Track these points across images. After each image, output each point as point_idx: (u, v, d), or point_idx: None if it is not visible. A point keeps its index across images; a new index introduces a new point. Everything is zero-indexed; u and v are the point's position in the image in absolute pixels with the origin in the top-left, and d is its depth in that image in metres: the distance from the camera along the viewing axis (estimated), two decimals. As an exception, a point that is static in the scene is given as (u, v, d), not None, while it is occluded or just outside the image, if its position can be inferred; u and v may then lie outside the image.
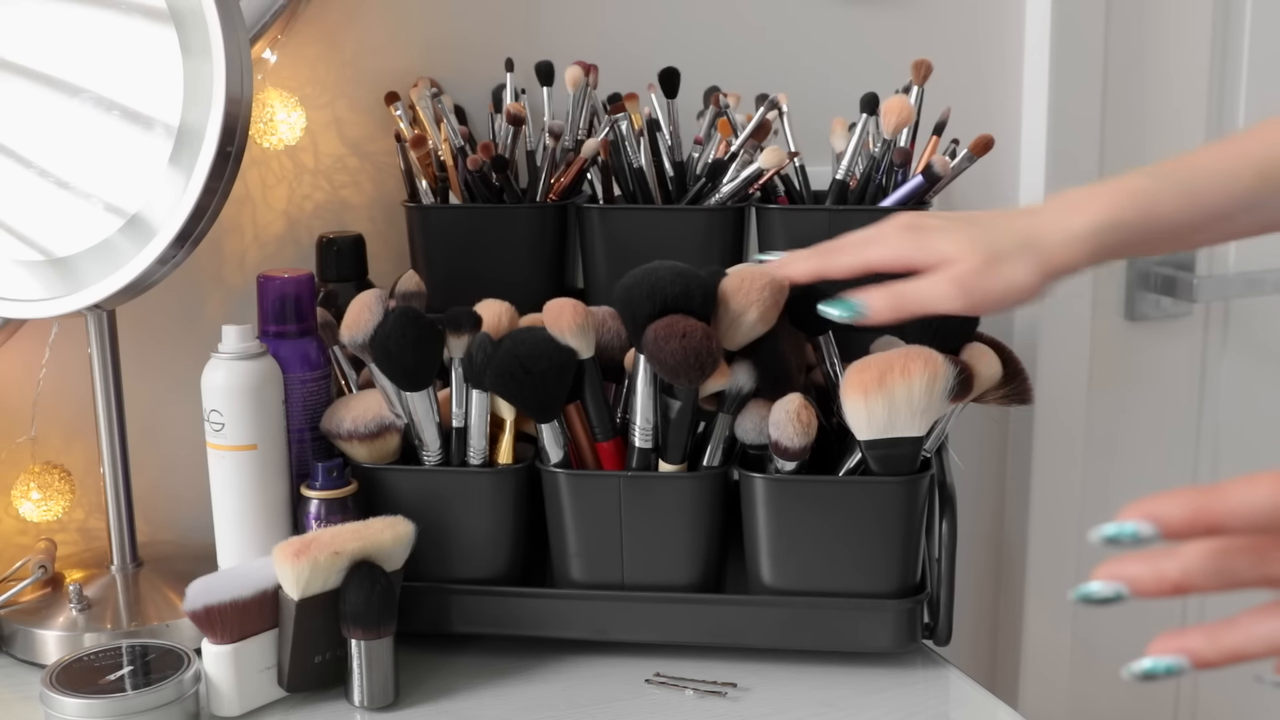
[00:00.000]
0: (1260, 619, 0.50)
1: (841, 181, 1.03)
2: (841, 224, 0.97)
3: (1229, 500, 0.49)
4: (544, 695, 0.90)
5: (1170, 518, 0.49)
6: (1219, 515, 0.48)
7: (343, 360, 1.02)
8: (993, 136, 1.00)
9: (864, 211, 1.00)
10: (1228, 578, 0.50)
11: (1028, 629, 1.43)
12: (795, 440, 0.88)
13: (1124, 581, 0.50)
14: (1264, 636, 0.49)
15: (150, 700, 0.82)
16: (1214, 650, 0.50)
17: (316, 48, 1.11)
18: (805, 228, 1.00)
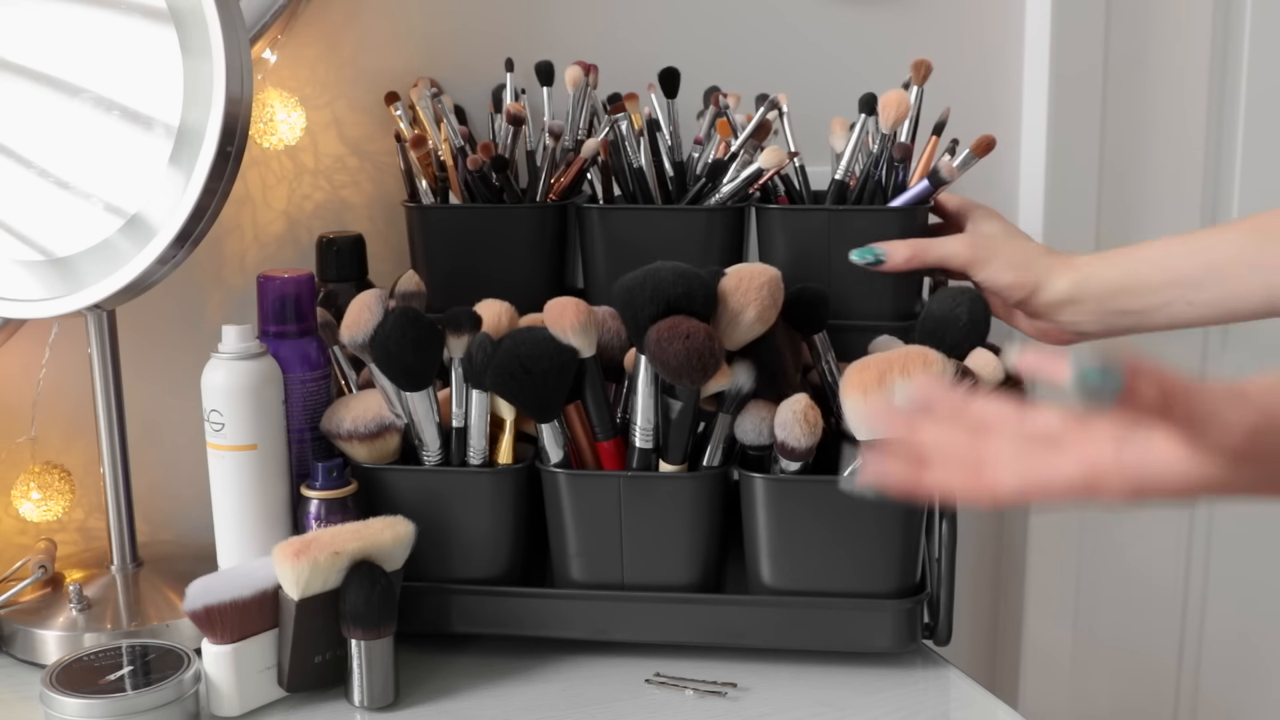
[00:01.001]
0: None
1: (841, 181, 1.02)
2: (841, 224, 0.98)
3: None
4: (544, 695, 0.90)
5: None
6: None
7: (343, 360, 1.02)
8: (994, 137, 1.00)
9: (864, 212, 0.99)
10: None
11: (1028, 629, 1.43)
12: (802, 440, 0.88)
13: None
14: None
15: (150, 700, 0.82)
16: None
17: (316, 48, 1.11)
18: (805, 228, 1.00)
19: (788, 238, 1.00)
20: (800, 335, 0.95)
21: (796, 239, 0.99)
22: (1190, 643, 1.54)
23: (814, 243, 0.98)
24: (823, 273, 0.99)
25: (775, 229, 1.02)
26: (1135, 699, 1.53)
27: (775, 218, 1.02)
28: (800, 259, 0.99)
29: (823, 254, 0.99)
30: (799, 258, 0.99)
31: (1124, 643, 1.51)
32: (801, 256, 0.99)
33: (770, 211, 1.02)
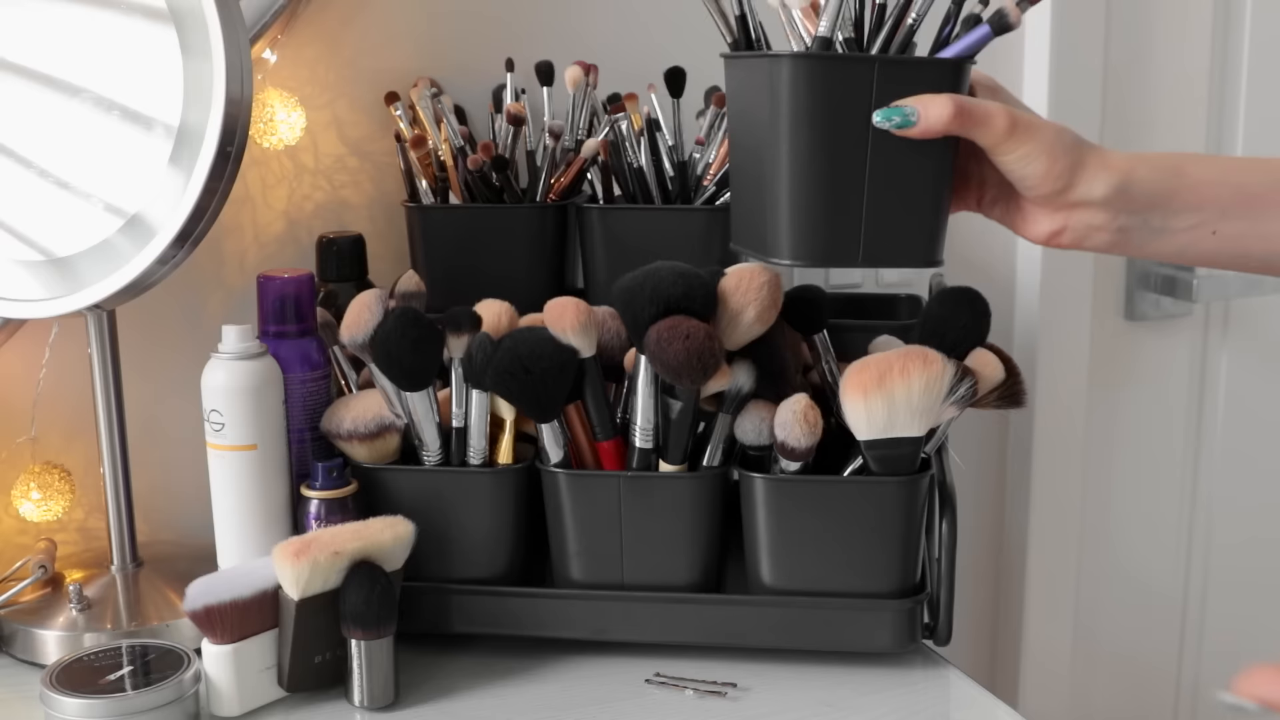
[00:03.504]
0: None
1: (826, 39, 0.79)
2: (888, 78, 0.77)
3: None
4: (544, 695, 0.91)
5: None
6: None
7: (343, 360, 1.02)
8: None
9: (912, 64, 0.80)
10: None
11: (1028, 629, 1.43)
12: (802, 440, 0.88)
13: None
14: None
15: (150, 700, 0.82)
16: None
17: (316, 48, 1.11)
18: (842, 78, 0.78)
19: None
20: (800, 335, 0.95)
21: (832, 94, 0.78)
22: (1190, 643, 1.54)
23: (853, 100, 0.76)
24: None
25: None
26: (1135, 699, 1.53)
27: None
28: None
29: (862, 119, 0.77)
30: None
31: (1124, 643, 1.51)
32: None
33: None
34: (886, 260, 0.82)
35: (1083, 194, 0.79)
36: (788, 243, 0.80)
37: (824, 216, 0.79)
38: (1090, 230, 0.80)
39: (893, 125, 0.76)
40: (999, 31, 0.78)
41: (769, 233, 0.81)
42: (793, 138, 0.77)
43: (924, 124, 0.76)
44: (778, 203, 0.79)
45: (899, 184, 0.78)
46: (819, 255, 0.81)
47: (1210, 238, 0.80)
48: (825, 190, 0.78)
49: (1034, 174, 0.78)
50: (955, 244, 1.35)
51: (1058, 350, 1.39)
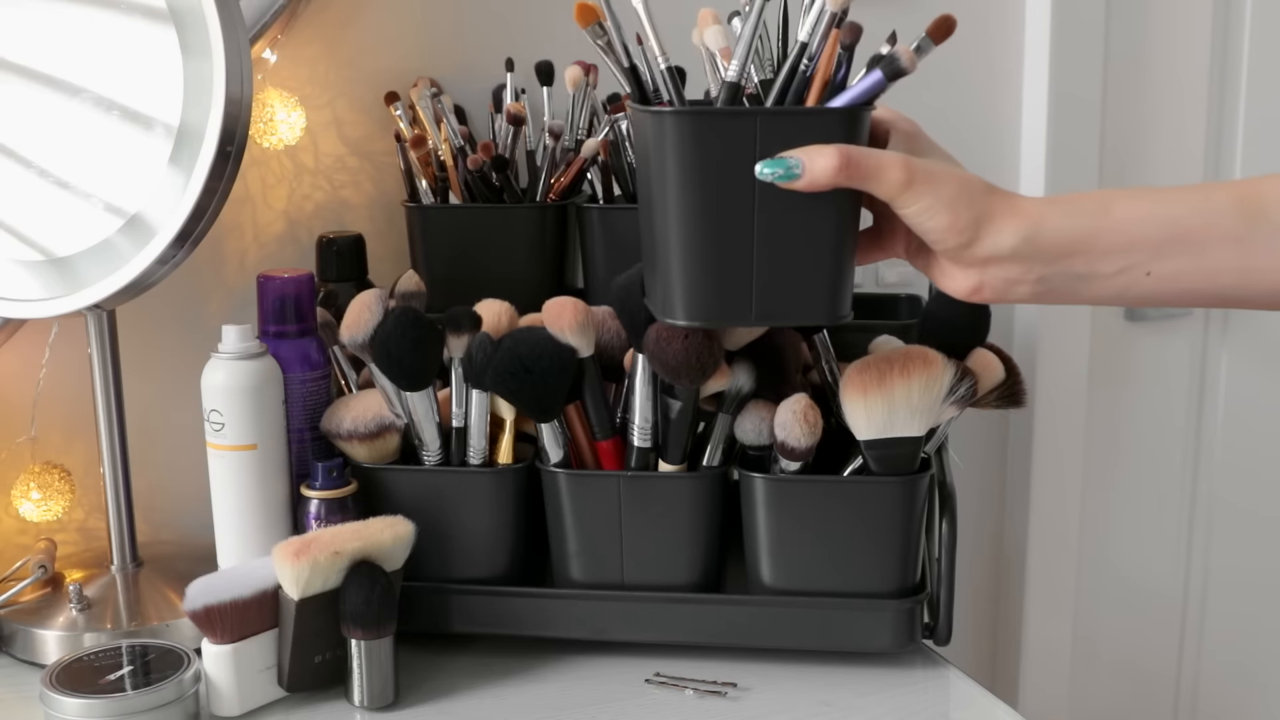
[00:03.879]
0: None
1: (734, 85, 0.76)
2: (772, 130, 0.73)
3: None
4: (544, 695, 0.90)
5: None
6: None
7: (343, 360, 1.02)
8: (954, 17, 0.78)
9: (797, 116, 0.75)
10: None
11: (1028, 629, 1.43)
12: (802, 440, 0.88)
13: None
14: None
15: (150, 700, 0.82)
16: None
17: (316, 48, 1.11)
18: (724, 139, 0.74)
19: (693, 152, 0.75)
20: (800, 335, 0.95)
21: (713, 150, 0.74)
22: (1190, 643, 1.54)
23: (736, 156, 0.72)
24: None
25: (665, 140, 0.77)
26: (1135, 699, 1.53)
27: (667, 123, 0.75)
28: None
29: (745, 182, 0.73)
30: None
31: (1124, 643, 1.51)
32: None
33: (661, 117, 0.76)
34: (784, 318, 0.78)
35: (990, 248, 0.72)
36: (680, 303, 0.76)
37: (713, 276, 0.75)
38: (1008, 284, 0.74)
39: (776, 178, 0.71)
40: (891, 78, 0.74)
41: (663, 289, 0.77)
42: (679, 195, 0.73)
43: (809, 176, 0.71)
44: (669, 261, 0.76)
45: (793, 240, 0.74)
46: (711, 315, 0.77)
47: (1146, 280, 0.73)
48: (713, 249, 0.74)
49: (936, 228, 0.72)
50: (955, 244, 1.35)
51: (1058, 350, 1.39)
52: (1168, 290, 0.73)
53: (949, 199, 0.71)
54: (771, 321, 0.79)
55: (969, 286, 0.75)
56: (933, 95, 1.32)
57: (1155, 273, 0.72)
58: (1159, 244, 0.72)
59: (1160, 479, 1.49)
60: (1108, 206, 0.73)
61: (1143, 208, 0.72)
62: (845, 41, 0.75)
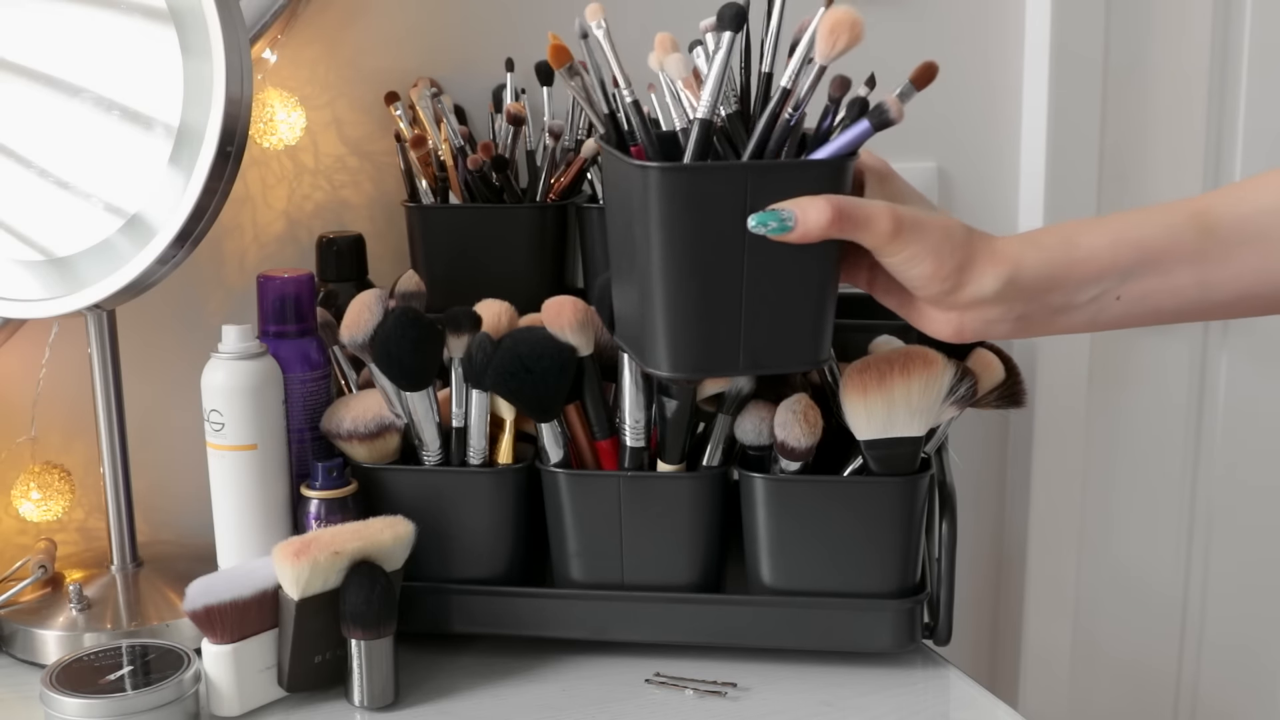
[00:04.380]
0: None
1: (707, 123, 0.73)
2: (762, 183, 0.71)
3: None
4: (544, 695, 0.90)
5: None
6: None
7: (343, 360, 1.02)
8: (936, 64, 0.79)
9: (784, 169, 0.74)
10: None
11: (1028, 629, 1.43)
12: (802, 440, 0.88)
13: None
14: None
15: (150, 700, 0.82)
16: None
17: (316, 48, 1.11)
18: (707, 192, 0.73)
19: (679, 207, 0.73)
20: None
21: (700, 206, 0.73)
22: (1190, 644, 1.54)
23: (724, 208, 0.71)
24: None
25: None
26: (1135, 699, 1.53)
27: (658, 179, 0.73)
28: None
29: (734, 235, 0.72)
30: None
31: (1124, 644, 1.51)
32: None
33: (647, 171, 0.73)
34: (770, 366, 0.78)
35: (973, 293, 0.73)
36: (665, 355, 0.75)
37: (700, 328, 0.73)
38: (988, 324, 0.75)
39: (769, 231, 0.71)
40: (879, 128, 0.73)
41: (646, 339, 0.75)
42: (665, 248, 0.72)
43: (801, 229, 0.70)
44: (652, 311, 0.74)
45: (779, 289, 0.73)
46: (697, 367, 0.76)
47: (1115, 304, 0.75)
48: (700, 302, 0.73)
49: (920, 276, 0.73)
50: (955, 244, 1.35)
51: (1058, 350, 1.39)
52: (1136, 311, 0.76)
53: (934, 247, 0.72)
54: (758, 370, 0.78)
55: (950, 330, 0.76)
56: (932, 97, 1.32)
57: (1124, 296, 0.74)
58: (1127, 268, 0.74)
59: (1160, 479, 1.49)
60: (1073, 240, 0.74)
61: (1107, 235, 0.74)
62: (834, 95, 0.74)
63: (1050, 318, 0.75)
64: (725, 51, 0.73)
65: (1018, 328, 0.75)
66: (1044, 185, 1.34)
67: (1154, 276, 0.74)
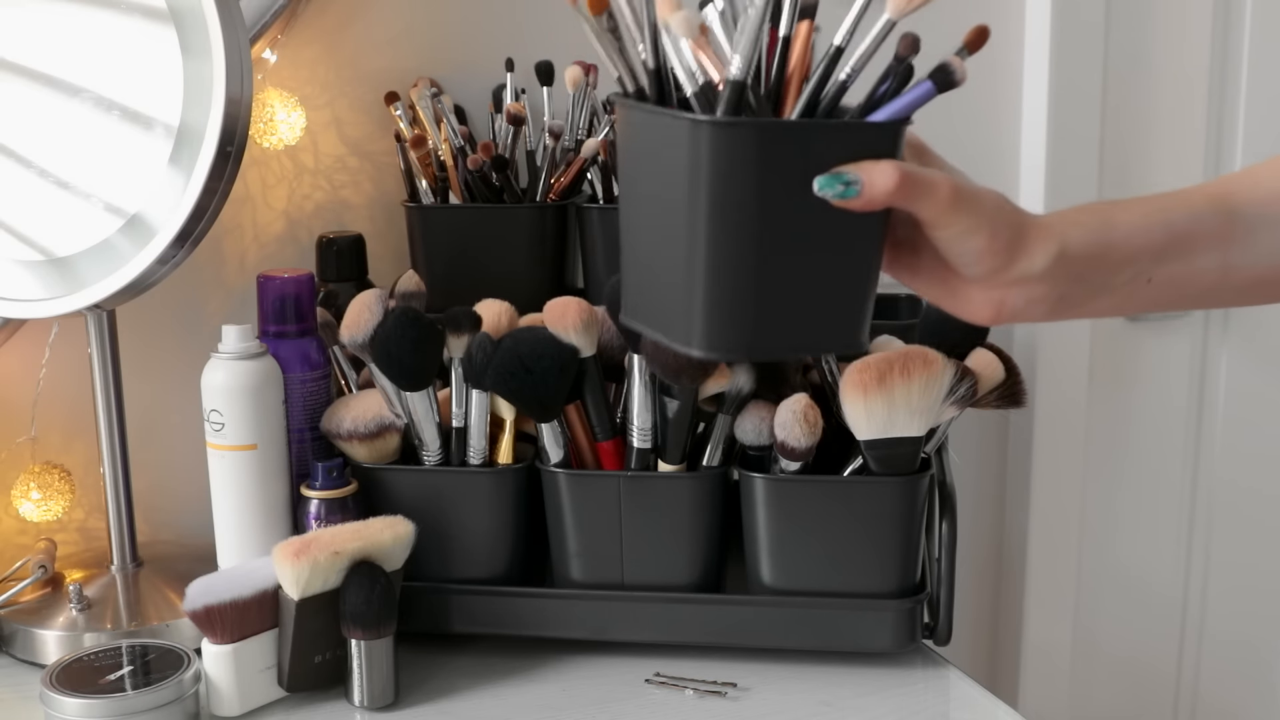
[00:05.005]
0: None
1: (739, 84, 0.66)
2: (828, 144, 0.66)
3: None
4: (544, 695, 0.90)
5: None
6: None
7: (343, 360, 1.02)
8: (988, 28, 0.74)
9: (855, 128, 0.69)
10: None
11: (1028, 629, 1.43)
12: (802, 440, 0.88)
13: None
14: None
15: (150, 700, 0.82)
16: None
17: (316, 48, 1.11)
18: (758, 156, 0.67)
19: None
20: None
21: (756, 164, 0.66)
22: (1190, 644, 1.54)
23: (783, 171, 0.66)
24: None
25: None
26: (1135, 699, 1.53)
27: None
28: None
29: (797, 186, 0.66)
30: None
31: (1124, 643, 1.51)
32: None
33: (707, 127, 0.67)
34: (814, 348, 0.73)
35: (1023, 269, 0.71)
36: (701, 332, 0.68)
37: (745, 304, 0.67)
38: (1030, 304, 0.72)
39: (834, 195, 0.66)
40: (943, 89, 0.69)
41: (677, 316, 0.69)
42: (716, 211, 0.66)
43: (868, 194, 0.66)
44: (692, 285, 0.67)
45: (830, 263, 0.69)
46: (740, 347, 0.69)
47: (1146, 286, 0.74)
48: (751, 274, 0.67)
49: (974, 250, 0.69)
50: (955, 244, 1.35)
51: (1058, 350, 1.39)
52: (1165, 295, 0.75)
53: (989, 220, 0.69)
54: (801, 353, 0.73)
55: (989, 311, 0.73)
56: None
57: (1155, 279, 0.74)
58: (1159, 250, 0.73)
59: (1160, 479, 1.49)
60: (1111, 219, 0.73)
61: (1141, 215, 0.73)
62: (901, 55, 0.70)
63: (1087, 299, 0.73)
64: (762, 8, 0.66)
65: (1056, 309, 0.73)
66: (1044, 185, 1.34)
67: (1182, 260, 0.74)
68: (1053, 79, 1.31)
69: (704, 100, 0.68)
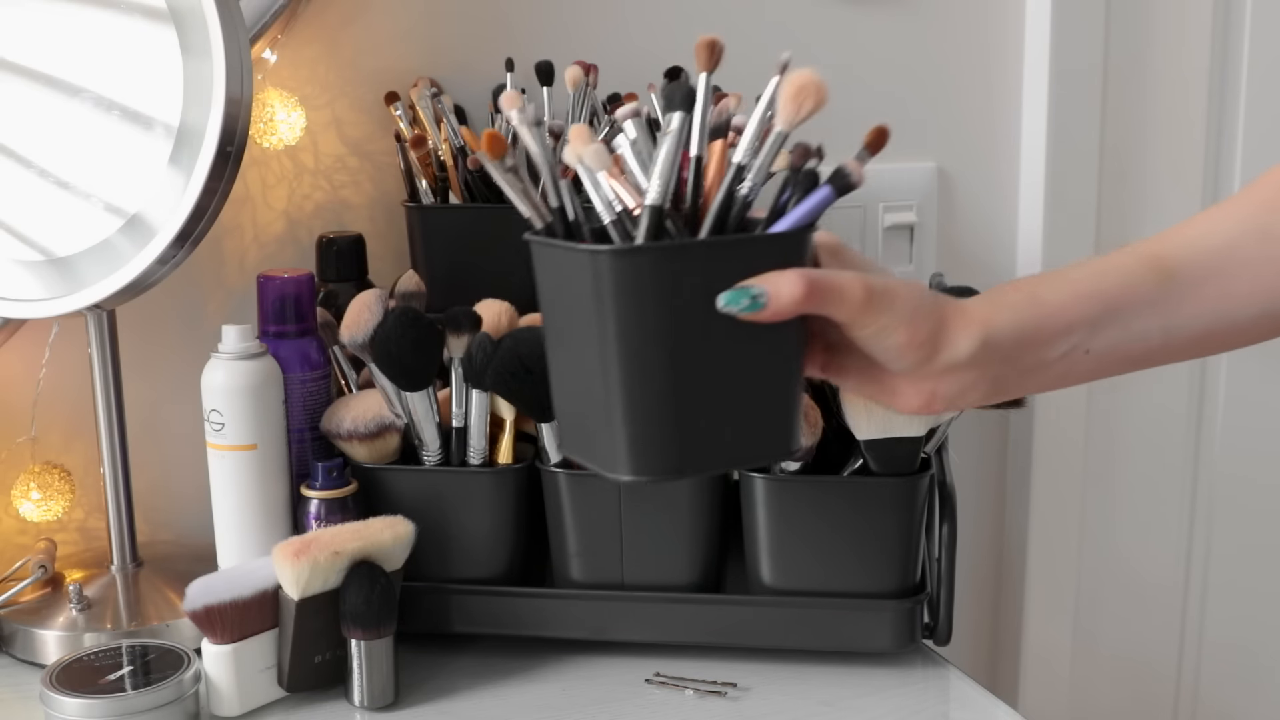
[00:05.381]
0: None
1: (658, 209, 0.67)
2: (728, 261, 0.66)
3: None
4: (544, 695, 0.91)
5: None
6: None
7: (343, 360, 1.02)
8: (888, 129, 0.72)
9: (756, 242, 0.68)
10: None
11: (1028, 629, 1.43)
12: (802, 440, 0.88)
13: None
14: None
15: (150, 700, 0.82)
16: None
17: (316, 48, 1.11)
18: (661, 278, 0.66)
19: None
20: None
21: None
22: (1190, 644, 1.54)
23: (688, 292, 0.65)
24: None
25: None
26: (1135, 699, 1.53)
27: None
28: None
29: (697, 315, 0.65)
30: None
31: (1124, 643, 1.51)
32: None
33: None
34: (745, 461, 0.72)
35: (948, 359, 0.69)
36: (626, 459, 0.67)
37: (667, 424, 0.67)
38: (962, 391, 0.71)
39: (741, 310, 0.65)
40: (842, 192, 0.68)
41: (603, 443, 0.69)
42: (623, 342, 0.65)
43: (775, 305, 0.65)
44: (611, 413, 0.67)
45: (750, 376, 0.68)
46: (667, 469, 0.68)
47: (1085, 358, 0.73)
48: (666, 396, 0.66)
49: (895, 346, 0.68)
50: (955, 243, 1.35)
51: (1058, 350, 1.39)
52: (1105, 363, 0.74)
53: (907, 314, 0.68)
54: (732, 466, 0.72)
55: (920, 401, 0.72)
56: (932, 97, 1.32)
57: (1093, 349, 0.72)
58: (1094, 320, 0.72)
59: (1160, 479, 1.49)
60: (1038, 296, 0.72)
61: (1071, 289, 0.72)
62: (796, 165, 0.69)
63: (1023, 378, 0.73)
64: (676, 133, 0.67)
65: (993, 392, 0.72)
66: (1044, 185, 1.34)
67: (1119, 326, 0.72)
68: (1053, 79, 1.31)
69: (621, 229, 0.68)
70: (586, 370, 0.68)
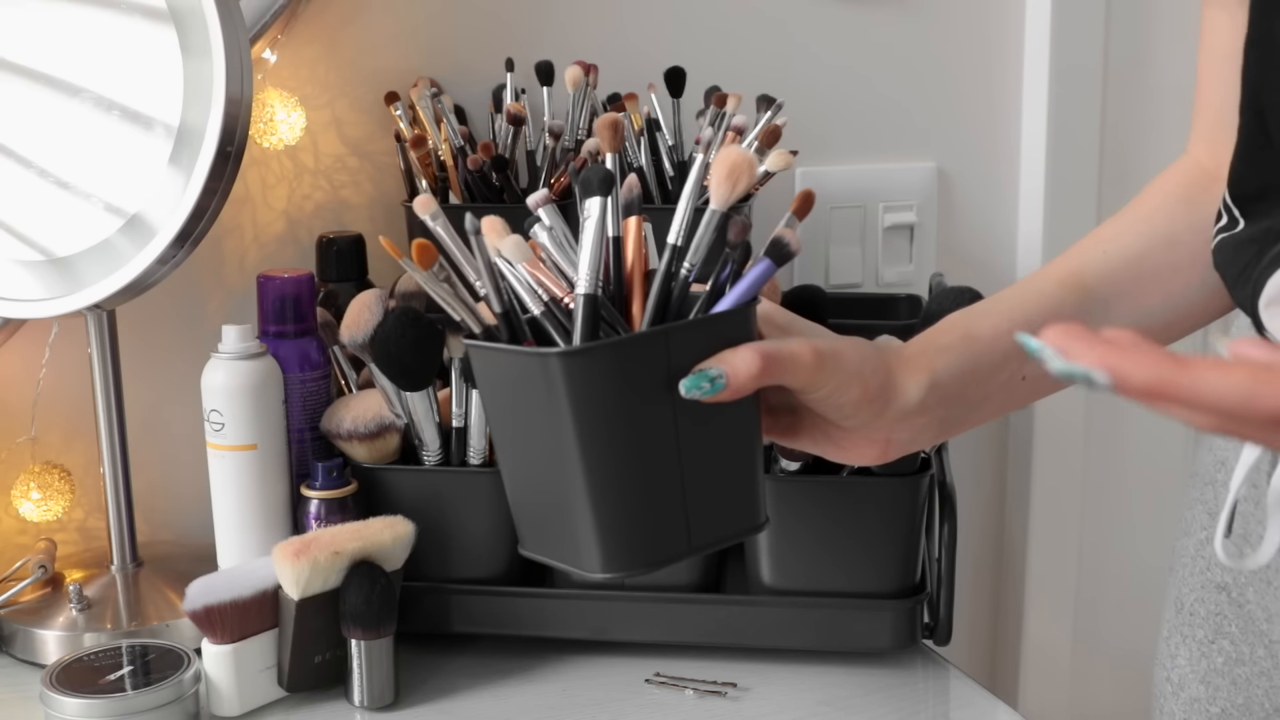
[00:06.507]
0: (1212, 371, 0.43)
1: (592, 298, 0.65)
2: (684, 345, 0.65)
3: (1197, 384, 0.43)
4: (544, 695, 0.91)
5: (1132, 380, 0.43)
6: (1183, 395, 0.43)
7: (343, 360, 1.02)
8: (813, 191, 0.73)
9: (708, 323, 0.67)
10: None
11: (1028, 629, 1.43)
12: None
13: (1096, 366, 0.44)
14: (1204, 389, 0.43)
15: (150, 700, 0.82)
16: (1139, 377, 0.43)
17: (316, 48, 1.11)
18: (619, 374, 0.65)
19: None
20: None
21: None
22: (1190, 643, 1.54)
23: (645, 381, 0.65)
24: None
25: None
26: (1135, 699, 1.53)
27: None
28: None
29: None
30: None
31: (1124, 643, 1.51)
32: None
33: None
34: (716, 542, 0.70)
35: (900, 408, 0.70)
36: (599, 557, 0.66)
37: (639, 517, 0.66)
38: (915, 435, 0.72)
39: (703, 393, 0.65)
40: (780, 263, 0.68)
41: (572, 543, 0.67)
42: (583, 441, 0.64)
43: (734, 383, 0.65)
44: (578, 513, 0.65)
45: (714, 455, 0.68)
46: (641, 562, 0.67)
47: (1022, 384, 0.74)
48: (636, 490, 0.65)
49: (849, 403, 0.68)
50: (955, 243, 1.35)
51: (1058, 350, 1.39)
52: (1042, 386, 0.76)
53: (856, 371, 0.68)
54: (708, 548, 0.70)
55: (876, 452, 0.72)
56: (932, 97, 1.32)
57: (1029, 375, 0.74)
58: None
59: (1160, 479, 1.49)
60: (970, 333, 0.73)
61: (998, 323, 0.73)
62: (734, 241, 0.69)
63: (970, 413, 0.73)
64: (598, 219, 0.66)
65: (942, 431, 0.73)
66: (1044, 185, 1.34)
67: None
68: (1053, 79, 1.32)
69: (552, 319, 0.67)
70: (544, 471, 0.67)
